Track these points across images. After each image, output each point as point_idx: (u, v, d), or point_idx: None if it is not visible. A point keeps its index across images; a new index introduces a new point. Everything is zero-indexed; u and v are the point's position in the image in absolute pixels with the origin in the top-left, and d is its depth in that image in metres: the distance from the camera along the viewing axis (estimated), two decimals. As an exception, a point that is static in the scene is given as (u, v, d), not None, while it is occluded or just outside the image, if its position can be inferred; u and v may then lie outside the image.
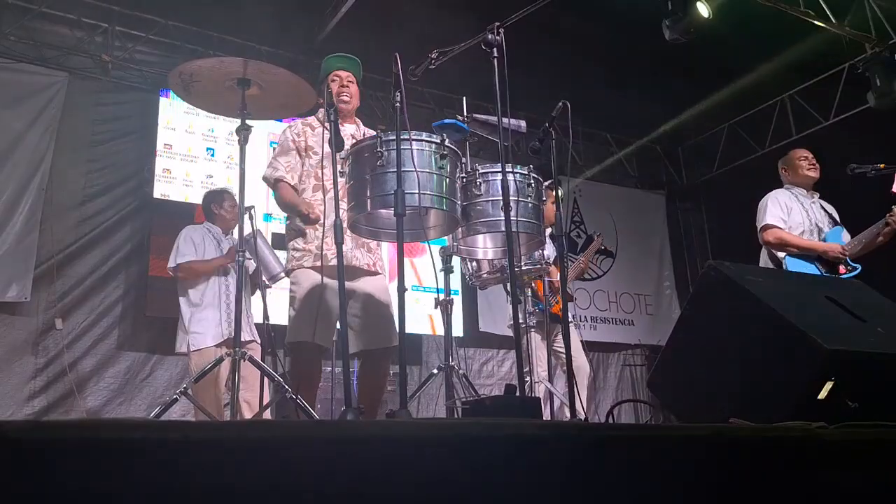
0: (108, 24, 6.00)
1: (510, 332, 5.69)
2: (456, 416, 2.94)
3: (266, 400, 3.35)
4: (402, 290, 2.41)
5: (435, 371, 3.19)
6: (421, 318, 6.31)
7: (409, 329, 3.65)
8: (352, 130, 3.25)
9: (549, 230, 3.81)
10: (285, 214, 3.25)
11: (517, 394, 1.95)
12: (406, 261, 5.51)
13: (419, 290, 6.43)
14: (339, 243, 2.45)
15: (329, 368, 4.52)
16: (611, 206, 8.20)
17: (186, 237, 4.23)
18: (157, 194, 5.89)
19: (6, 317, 5.36)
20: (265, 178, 3.19)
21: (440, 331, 6.41)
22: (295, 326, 2.97)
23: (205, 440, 0.87)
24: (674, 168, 8.94)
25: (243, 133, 2.49)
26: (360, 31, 5.77)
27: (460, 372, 3.04)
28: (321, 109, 3.13)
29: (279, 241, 4.56)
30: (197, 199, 5.88)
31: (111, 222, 5.89)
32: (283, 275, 3.90)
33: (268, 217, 6.08)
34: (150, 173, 5.93)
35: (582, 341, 4.76)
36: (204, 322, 4.08)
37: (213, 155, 6.17)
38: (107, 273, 5.80)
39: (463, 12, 5.48)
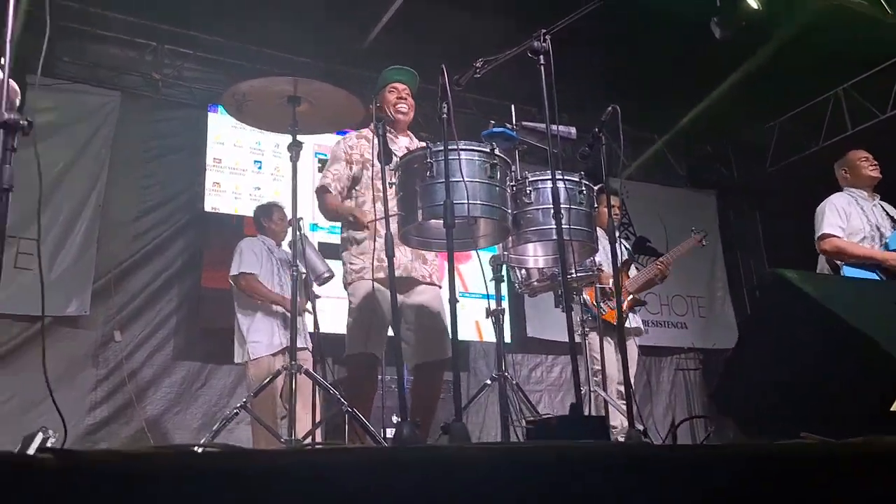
0: (157, 42, 6.15)
1: (559, 338, 5.65)
2: (517, 435, 2.92)
3: (319, 411, 3.38)
4: (453, 301, 2.40)
5: (488, 382, 3.17)
6: (467, 324, 6.30)
7: (462, 335, 3.64)
8: (405, 143, 3.27)
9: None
10: (333, 223, 3.29)
11: (582, 413, 1.92)
12: (456, 265, 5.56)
13: (466, 297, 6.42)
14: (389, 255, 2.47)
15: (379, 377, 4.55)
16: (660, 207, 8.05)
17: (247, 248, 4.34)
18: (207, 208, 6.01)
19: (68, 330, 5.53)
20: (316, 189, 3.24)
21: (487, 337, 6.44)
22: (351, 338, 3.01)
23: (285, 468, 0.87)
24: (724, 166, 8.75)
25: (295, 149, 2.51)
26: (401, 39, 5.81)
27: (514, 382, 3.02)
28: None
29: (325, 251, 4.63)
30: (245, 211, 6.00)
31: (164, 236, 6.03)
32: (327, 275, 3.95)
33: (314, 227, 6.15)
34: (200, 187, 6.05)
35: (638, 346, 4.67)
36: (260, 332, 4.16)
37: (259, 168, 6.27)
38: (161, 286, 5.94)
39: (503, 18, 5.48)
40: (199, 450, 1.58)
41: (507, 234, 2.79)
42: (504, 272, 3.30)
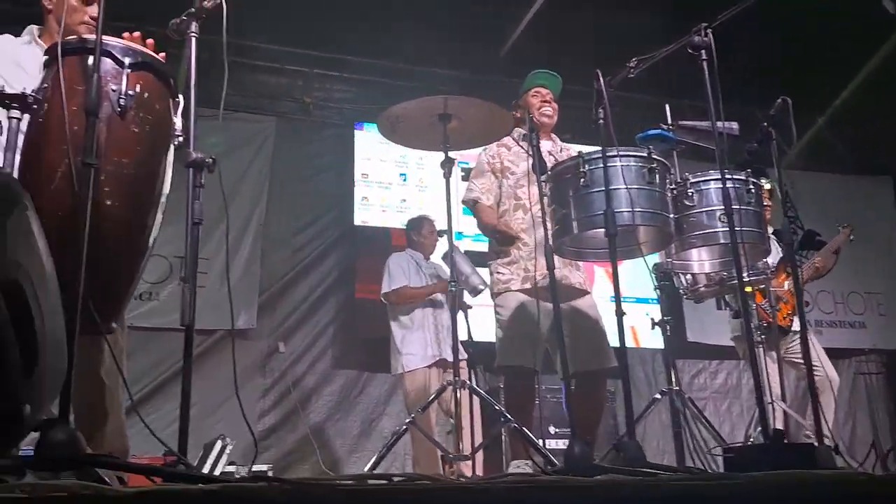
0: (307, 68, 6.48)
1: (722, 343, 5.32)
2: (698, 460, 2.77)
3: (478, 424, 3.38)
4: (620, 313, 2.32)
5: (657, 396, 3.04)
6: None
7: (611, 342, 3.51)
8: (548, 147, 3.22)
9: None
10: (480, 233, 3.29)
11: (784, 440, 1.77)
12: (602, 269, 5.40)
13: (630, 301, 6.23)
14: (550, 269, 2.41)
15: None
16: (826, 196, 7.40)
17: (395, 264, 4.44)
18: (357, 222, 6.23)
19: (238, 342, 5.92)
20: (464, 202, 3.25)
21: (644, 343, 6.21)
22: (505, 350, 2.99)
23: None
24: (900, 148, 7.91)
25: (447, 166, 2.53)
26: (541, 40, 5.73)
27: (686, 397, 2.86)
28: (516, 129, 3.14)
29: (471, 259, 4.64)
30: (393, 223, 6.18)
31: (319, 251, 6.33)
32: (481, 287, 3.95)
33: (459, 235, 6.19)
34: (350, 202, 6.29)
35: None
36: (415, 344, 4.24)
37: (405, 180, 6.42)
38: (319, 298, 6.23)
39: (647, 13, 5.27)
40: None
41: (671, 240, 2.66)
42: (667, 279, 3.14)
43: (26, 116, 1.93)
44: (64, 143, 1.84)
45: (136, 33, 2.16)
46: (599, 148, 2.45)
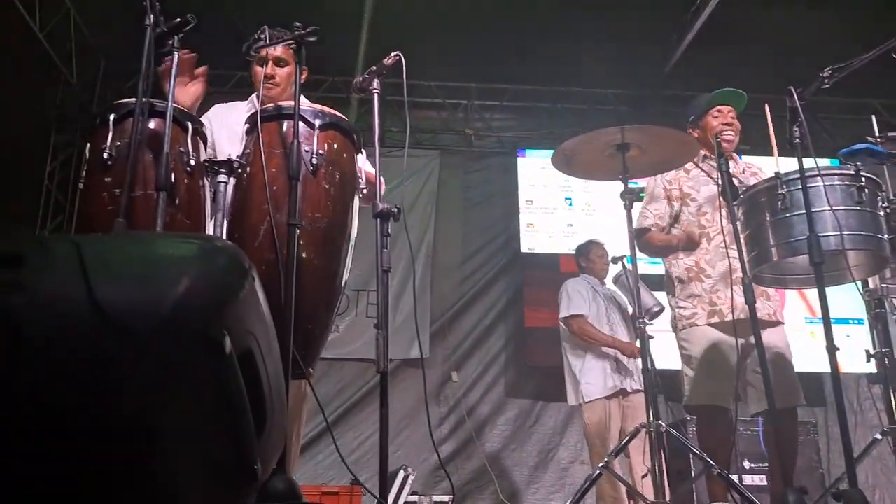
0: (467, 100, 6.61)
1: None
2: None
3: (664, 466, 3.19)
4: (832, 349, 2.10)
5: (878, 437, 2.71)
6: (817, 353, 5.56)
7: (806, 367, 3.21)
8: (730, 167, 3.01)
9: None
10: (654, 258, 3.14)
11: None
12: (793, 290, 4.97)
13: (813, 322, 5.71)
14: (750, 303, 2.24)
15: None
16: None
17: (574, 289, 4.35)
18: (524, 248, 6.21)
19: (413, 371, 6.07)
20: (637, 229, 3.12)
21: (847, 367, 5.61)
22: (697, 389, 2.82)
23: None
24: None
25: (628, 197, 2.43)
26: (710, 52, 5.44)
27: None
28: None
29: (650, 283, 4.45)
30: (559, 248, 6.10)
31: (487, 278, 6.38)
32: (657, 308, 3.76)
33: (630, 259, 5.99)
34: (516, 229, 6.30)
35: None
36: (593, 373, 4.13)
37: (570, 204, 6.33)
38: (489, 326, 6.27)
39: (830, 11, 4.84)
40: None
41: (886, 263, 2.39)
42: (881, 306, 2.82)
43: (232, 180, 2.10)
44: (265, 202, 1.97)
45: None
46: (797, 168, 2.25)
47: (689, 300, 2.91)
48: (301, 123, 2.05)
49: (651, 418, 2.36)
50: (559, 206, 6.34)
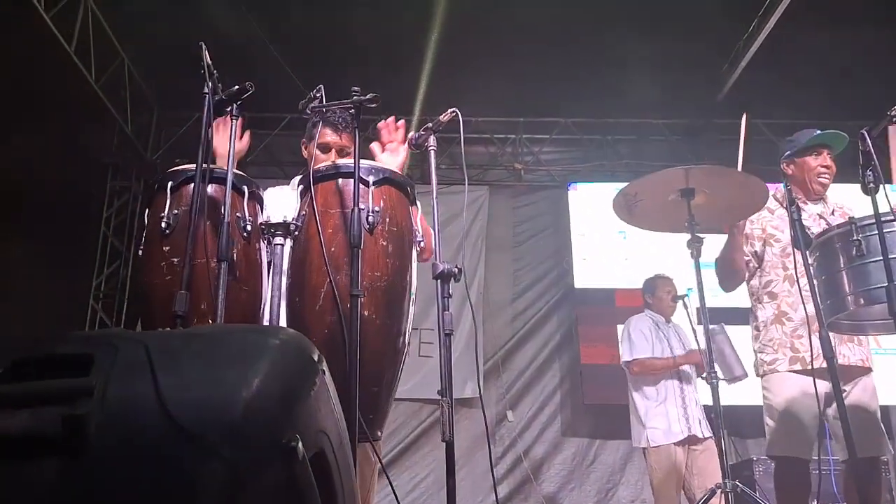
0: (515, 134, 6.58)
1: None
2: None
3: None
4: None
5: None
6: (888, 385, 5.30)
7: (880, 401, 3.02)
8: (818, 210, 2.89)
9: None
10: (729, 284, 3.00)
11: None
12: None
13: (882, 354, 5.44)
14: (828, 357, 2.11)
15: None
16: None
17: (636, 329, 4.20)
18: (577, 284, 6.10)
19: (467, 410, 5.98)
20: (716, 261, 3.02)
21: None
22: (779, 440, 2.73)
23: None
24: None
25: (695, 246, 2.33)
26: (762, 77, 5.30)
27: None
28: (779, 187, 2.86)
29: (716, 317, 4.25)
30: (615, 283, 5.96)
31: (540, 315, 6.28)
32: (740, 375, 3.61)
33: (688, 291, 5.82)
34: (568, 264, 6.18)
35: None
36: (660, 418, 3.98)
37: (625, 237, 6.19)
38: (542, 363, 6.16)
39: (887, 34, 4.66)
40: None
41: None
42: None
43: (289, 241, 2.07)
44: (324, 264, 1.94)
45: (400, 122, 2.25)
46: (872, 213, 2.13)
47: (770, 344, 2.81)
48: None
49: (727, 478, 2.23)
50: (613, 238, 6.20)
